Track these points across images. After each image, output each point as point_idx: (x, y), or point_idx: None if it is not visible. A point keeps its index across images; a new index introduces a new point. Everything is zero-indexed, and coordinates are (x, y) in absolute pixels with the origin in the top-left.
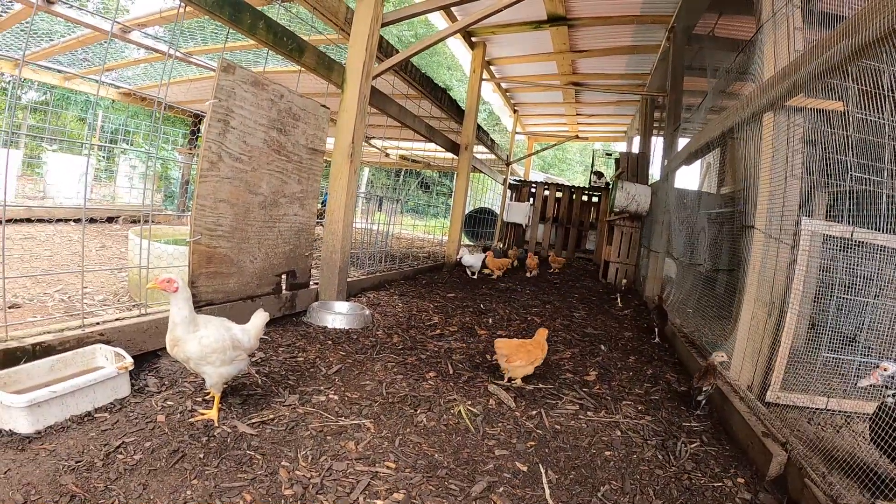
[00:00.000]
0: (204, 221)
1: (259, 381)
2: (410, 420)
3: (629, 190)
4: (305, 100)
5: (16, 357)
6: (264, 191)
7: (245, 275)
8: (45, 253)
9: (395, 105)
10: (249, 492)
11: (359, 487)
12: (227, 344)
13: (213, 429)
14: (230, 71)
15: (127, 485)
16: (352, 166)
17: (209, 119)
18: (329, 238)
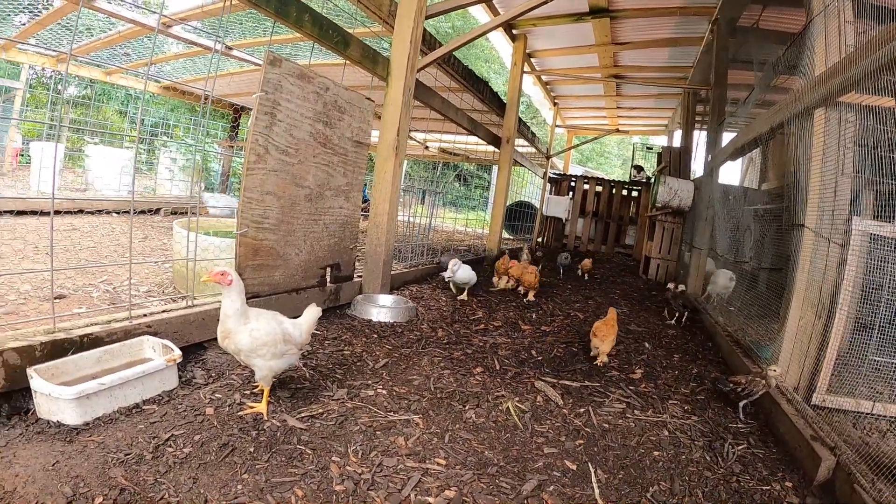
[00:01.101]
0: (251, 214)
1: (307, 374)
2: (459, 416)
3: (671, 185)
4: (351, 92)
5: (63, 348)
6: (310, 183)
7: (290, 267)
8: (89, 244)
9: (438, 98)
10: (301, 487)
11: (410, 484)
12: (278, 338)
13: (263, 422)
14: (276, 64)
15: (177, 478)
16: (397, 159)
17: (256, 112)
18: (373, 231)
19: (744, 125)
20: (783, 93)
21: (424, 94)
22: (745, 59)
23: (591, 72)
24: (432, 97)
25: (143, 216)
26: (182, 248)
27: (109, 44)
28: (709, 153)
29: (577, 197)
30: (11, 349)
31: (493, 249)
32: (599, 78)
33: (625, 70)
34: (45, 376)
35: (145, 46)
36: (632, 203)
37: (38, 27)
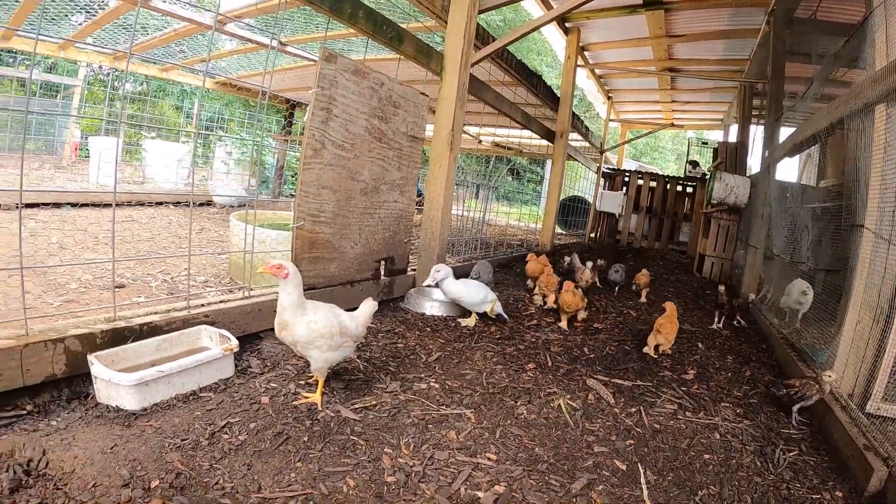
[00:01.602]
0: (307, 207)
1: (360, 366)
2: (511, 412)
3: (728, 181)
4: (405, 87)
5: (123, 336)
6: (365, 178)
7: (346, 260)
8: (147, 235)
9: (492, 92)
10: (353, 477)
11: (460, 478)
12: (334, 330)
13: (317, 413)
14: (332, 60)
15: (232, 464)
16: (451, 154)
17: (312, 107)
18: (428, 224)
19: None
20: (844, 87)
21: (478, 89)
22: (803, 52)
23: (646, 65)
24: (486, 91)
25: (199, 208)
26: (238, 240)
27: (165, 42)
28: (766, 149)
29: (631, 192)
30: (73, 336)
31: (546, 245)
32: (654, 71)
33: (679, 63)
34: (105, 363)
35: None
36: (686, 199)
37: (94, 27)
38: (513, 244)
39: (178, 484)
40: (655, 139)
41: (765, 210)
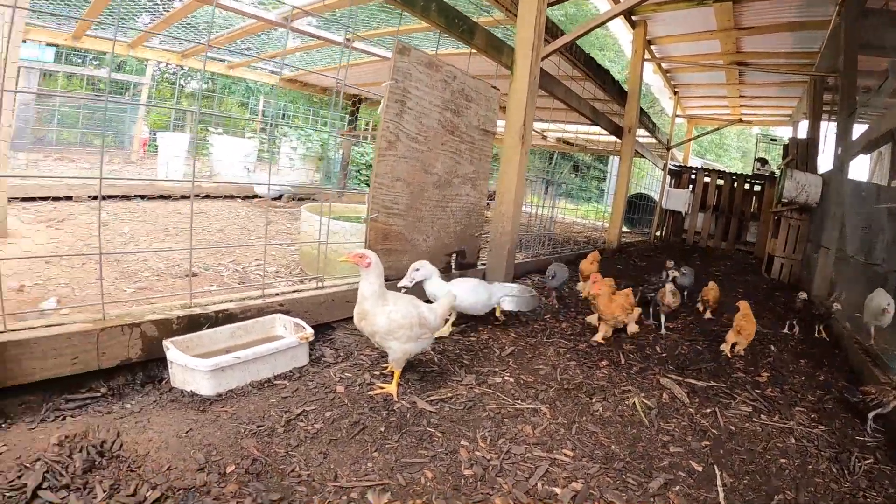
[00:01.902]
0: (381, 199)
1: (435, 358)
2: (586, 408)
3: (798, 179)
4: (477, 81)
5: (199, 323)
6: (438, 171)
7: (417, 252)
8: (216, 227)
9: (562, 86)
10: (430, 469)
11: (537, 473)
12: (414, 321)
13: (393, 403)
14: (406, 53)
15: (307, 452)
16: (523, 148)
17: (387, 100)
18: (498, 219)
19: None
20: None
21: (548, 83)
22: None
23: (713, 58)
24: (556, 86)
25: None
26: (311, 231)
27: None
28: (838, 146)
29: (698, 190)
30: (150, 321)
31: (612, 242)
32: (721, 65)
33: (747, 56)
34: (181, 348)
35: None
36: (753, 198)
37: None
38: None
39: (253, 470)
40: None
41: (837, 209)
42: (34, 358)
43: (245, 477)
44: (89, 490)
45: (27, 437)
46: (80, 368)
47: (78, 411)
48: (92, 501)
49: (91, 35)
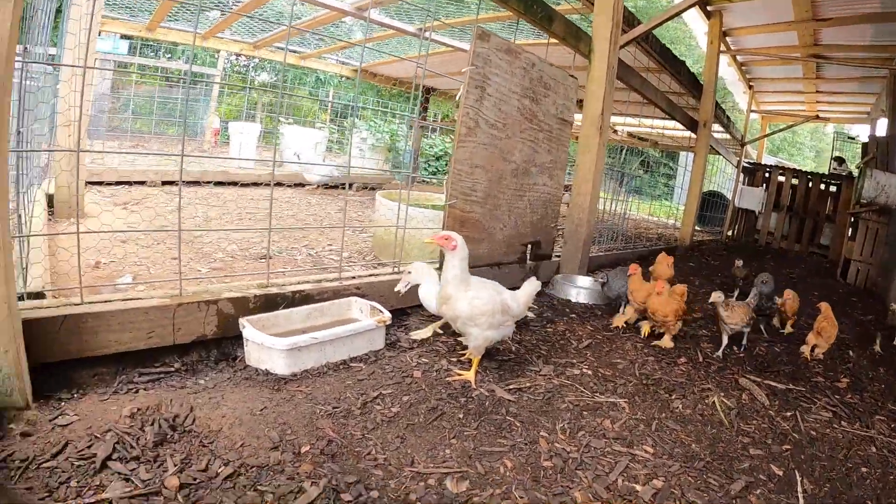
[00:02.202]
0: (460, 186)
1: (512, 347)
2: (666, 405)
3: (879, 179)
4: (555, 69)
5: (275, 302)
6: (516, 159)
7: (494, 241)
8: (288, 213)
9: (638, 77)
10: (509, 458)
11: (617, 468)
12: (496, 308)
13: (471, 391)
14: (485, 38)
15: (384, 436)
16: (601, 138)
17: (466, 86)
18: (575, 211)
19: None
20: None
21: (625, 73)
22: None
23: (789, 51)
24: (632, 76)
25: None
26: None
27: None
28: None
29: (772, 189)
30: (226, 299)
31: (685, 240)
32: (799, 58)
33: (824, 49)
34: (257, 327)
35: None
36: (829, 199)
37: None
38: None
39: (329, 451)
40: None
41: None
42: (110, 330)
43: (320, 458)
44: (160, 463)
45: (99, 408)
46: (155, 343)
47: (151, 385)
48: (162, 475)
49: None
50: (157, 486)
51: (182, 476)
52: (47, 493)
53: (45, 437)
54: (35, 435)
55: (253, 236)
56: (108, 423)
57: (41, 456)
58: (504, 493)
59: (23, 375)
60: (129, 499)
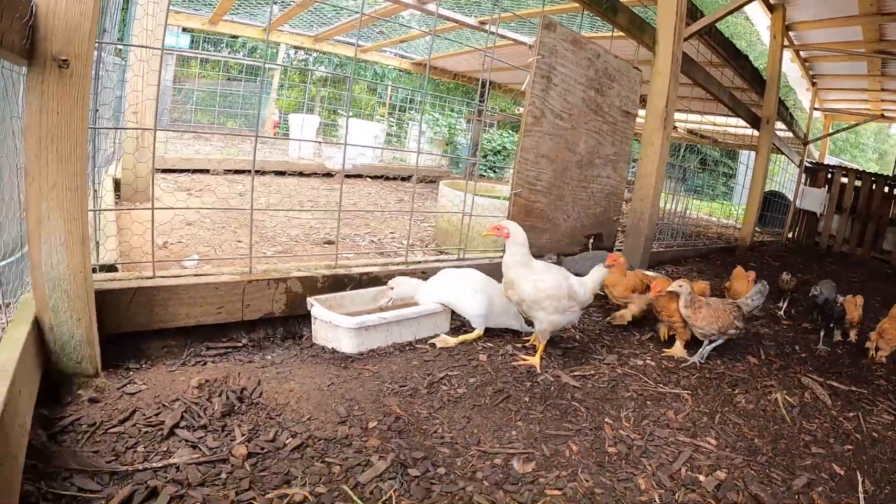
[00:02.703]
0: (525, 175)
1: (576, 336)
2: (729, 399)
3: None
4: (619, 60)
5: (342, 283)
6: (581, 150)
7: (557, 232)
8: (350, 201)
9: (702, 71)
10: (575, 442)
11: (681, 458)
12: (562, 292)
13: (537, 375)
14: (551, 28)
15: (450, 415)
16: (665, 132)
17: (533, 75)
18: (637, 204)
19: None
20: None
21: (688, 66)
22: None
23: (854, 47)
24: (696, 70)
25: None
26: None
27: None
28: None
29: (834, 190)
30: (295, 278)
31: (745, 240)
32: (863, 54)
33: (890, 45)
34: (324, 306)
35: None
36: (893, 202)
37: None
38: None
39: (396, 427)
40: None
41: None
42: (181, 304)
43: (387, 433)
44: (227, 433)
45: (167, 379)
46: (224, 318)
47: (218, 359)
48: (230, 443)
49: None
50: (224, 454)
51: (250, 445)
52: (114, 456)
53: (112, 403)
54: (103, 401)
55: (315, 222)
56: (177, 393)
57: (108, 421)
58: (570, 476)
59: (94, 343)
60: (196, 465)
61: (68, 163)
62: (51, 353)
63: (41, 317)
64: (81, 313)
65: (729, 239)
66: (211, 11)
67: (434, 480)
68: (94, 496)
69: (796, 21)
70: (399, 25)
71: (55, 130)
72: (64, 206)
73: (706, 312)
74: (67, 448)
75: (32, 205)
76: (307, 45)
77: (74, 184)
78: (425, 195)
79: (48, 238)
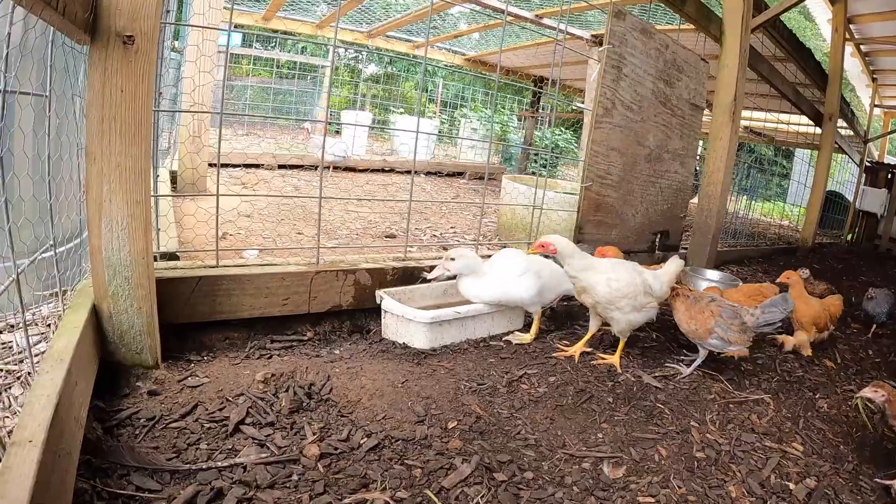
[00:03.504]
0: (595, 168)
1: (653, 335)
2: (811, 404)
3: None
4: (688, 52)
5: (412, 276)
6: (650, 143)
7: (626, 228)
8: (405, 196)
9: (766, 64)
10: (663, 446)
11: (769, 464)
12: (638, 289)
13: (618, 375)
14: (621, 17)
15: (532, 416)
16: (733, 126)
17: (604, 65)
18: (704, 201)
19: None
20: None
21: (754, 59)
22: None
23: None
24: (761, 63)
25: (448, 178)
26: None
27: (417, 18)
28: None
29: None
30: (364, 270)
31: (806, 241)
32: None
33: None
34: (394, 299)
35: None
36: None
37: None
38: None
39: (477, 428)
40: None
41: None
42: (245, 294)
43: (469, 434)
44: (297, 431)
45: (230, 372)
46: (290, 310)
47: (283, 352)
48: (300, 442)
49: (280, 16)
50: (295, 454)
51: (322, 445)
52: (175, 453)
53: (173, 397)
54: (163, 394)
55: (375, 216)
56: (241, 388)
57: (169, 416)
58: (662, 482)
59: (154, 333)
60: (264, 465)
61: (132, 144)
62: (108, 342)
63: (99, 304)
64: (142, 301)
65: (789, 240)
66: (265, 7)
67: (522, 486)
68: (154, 496)
69: (858, 14)
70: (445, 24)
71: (118, 110)
72: (127, 188)
73: (684, 309)
74: (125, 443)
75: (93, 186)
76: (360, 40)
77: (138, 165)
78: (479, 191)
79: (109, 222)
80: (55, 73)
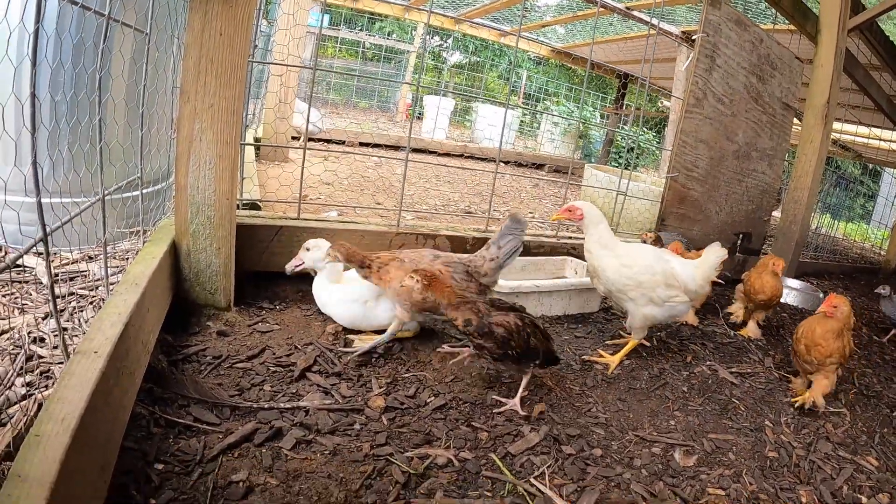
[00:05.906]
0: (683, 159)
1: (731, 333)
2: (888, 420)
3: None
4: (782, 48)
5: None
6: (739, 139)
7: (708, 225)
8: (486, 181)
9: (861, 69)
10: (736, 443)
11: (842, 476)
12: (656, 279)
13: (694, 365)
14: (717, 5)
15: (604, 396)
16: (825, 129)
17: (697, 53)
18: (790, 206)
19: None
20: None
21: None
22: None
23: None
24: (856, 68)
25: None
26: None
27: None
28: None
29: None
30: (445, 236)
31: (890, 262)
32: None
33: None
34: None
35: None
36: None
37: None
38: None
39: (548, 401)
40: None
41: None
42: None
43: (539, 405)
44: (363, 383)
45: (301, 322)
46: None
47: None
48: (365, 394)
49: None
50: (359, 404)
51: (388, 399)
52: (237, 391)
53: (241, 339)
54: (232, 336)
55: (455, 195)
56: (311, 337)
57: (235, 356)
58: (734, 476)
59: (230, 276)
60: (327, 411)
61: (227, 86)
62: (184, 279)
63: (179, 241)
64: (222, 242)
65: (872, 260)
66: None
67: (589, 462)
68: (212, 428)
69: None
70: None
71: (216, 52)
72: (218, 128)
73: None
74: (189, 377)
75: (185, 124)
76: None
77: (231, 107)
78: (559, 184)
79: (197, 159)
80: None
